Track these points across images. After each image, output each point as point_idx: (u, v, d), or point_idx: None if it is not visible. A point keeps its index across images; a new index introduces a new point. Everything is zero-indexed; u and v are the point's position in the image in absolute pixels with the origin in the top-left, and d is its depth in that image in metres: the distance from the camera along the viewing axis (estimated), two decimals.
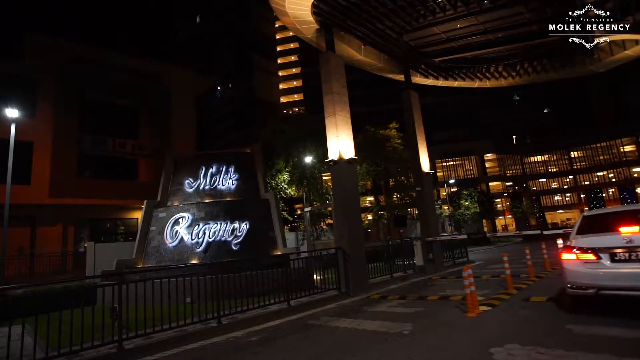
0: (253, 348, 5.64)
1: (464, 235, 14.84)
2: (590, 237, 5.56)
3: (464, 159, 58.36)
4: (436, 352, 4.59)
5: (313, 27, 11.96)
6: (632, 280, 4.87)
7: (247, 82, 71.08)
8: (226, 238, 12.24)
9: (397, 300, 8.57)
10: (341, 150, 10.55)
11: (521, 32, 11.97)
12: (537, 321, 5.53)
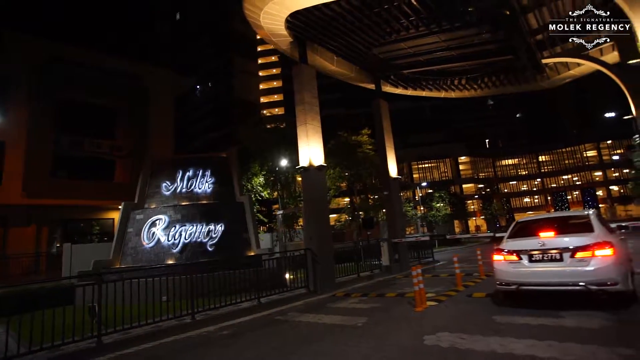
0: (223, 340, 6.28)
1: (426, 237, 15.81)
2: (516, 240, 6.48)
3: (439, 162, 60.20)
4: (380, 340, 5.37)
5: (287, 39, 12.63)
6: (544, 276, 5.81)
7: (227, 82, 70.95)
8: (202, 239, 12.78)
9: (359, 297, 9.36)
10: (311, 158, 11.28)
11: (479, 51, 13.00)
12: (471, 314, 6.41)
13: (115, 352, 6.16)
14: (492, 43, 12.30)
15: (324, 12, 10.84)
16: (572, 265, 5.60)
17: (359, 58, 14.22)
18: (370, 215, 20.97)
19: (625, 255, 5.90)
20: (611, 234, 6.15)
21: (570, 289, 5.64)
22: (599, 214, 6.73)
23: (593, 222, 6.21)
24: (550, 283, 5.81)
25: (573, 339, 4.47)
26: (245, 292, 9.04)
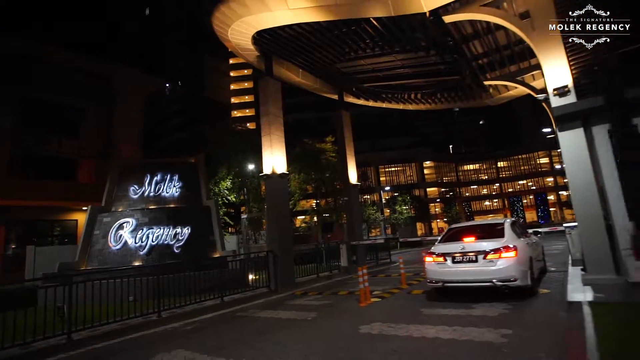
0: (187, 334, 7.00)
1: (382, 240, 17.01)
2: (444, 244, 7.62)
3: (405, 166, 62.41)
4: (323, 330, 6.30)
5: (254, 53, 13.40)
6: (463, 275, 6.95)
7: (197, 81, 70.23)
8: (169, 242, 13.31)
9: (315, 295, 10.29)
10: (274, 166, 12.12)
11: (431, 70, 14.29)
12: (405, 308, 7.47)
13: (86, 347, 6.73)
14: (442, 64, 13.59)
15: (288, 31, 11.70)
16: (483, 265, 6.77)
17: (323, 72, 15.19)
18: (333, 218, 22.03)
19: (527, 256, 7.12)
20: (519, 239, 7.38)
21: (482, 285, 6.81)
22: (513, 223, 7.96)
23: (505, 229, 7.43)
24: (467, 280, 6.96)
25: (474, 325, 5.57)
26: (209, 291, 9.77)
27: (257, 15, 10.74)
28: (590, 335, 4.21)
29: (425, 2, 8.88)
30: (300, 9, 9.94)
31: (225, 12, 11.17)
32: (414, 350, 4.72)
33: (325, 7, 9.64)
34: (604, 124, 7.19)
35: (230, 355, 5.22)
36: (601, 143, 7.21)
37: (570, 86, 7.49)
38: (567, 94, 7.49)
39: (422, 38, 11.31)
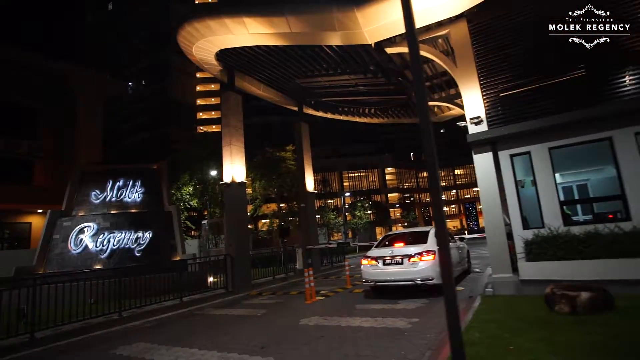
0: (147, 330, 7.76)
1: (334, 245, 18.24)
2: (378, 249, 8.84)
3: (367, 172, 64.42)
4: (268, 323, 7.29)
5: (217, 68, 14.22)
6: (391, 275, 8.17)
7: (162, 81, 69.10)
8: (130, 245, 13.78)
9: (269, 295, 11.24)
10: (234, 175, 12.98)
11: (382, 89, 15.67)
12: (343, 304, 8.59)
13: (48, 345, 7.31)
14: (390, 85, 14.99)
15: (249, 51, 12.64)
16: (408, 267, 8.03)
17: (283, 86, 16.21)
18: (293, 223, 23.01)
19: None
20: None
21: (406, 284, 8.06)
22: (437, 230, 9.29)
23: (429, 236, 8.75)
24: (395, 280, 8.19)
25: (393, 316, 6.76)
26: (169, 292, 10.47)
27: (220, 36, 11.62)
28: (468, 318, 5.49)
29: (370, 36, 10.15)
30: (259, 34, 10.94)
31: (190, 31, 11.95)
32: (337, 335, 5.82)
33: (281, 34, 10.69)
34: (507, 150, 8.70)
35: (185, 344, 6.10)
36: (505, 165, 8.72)
37: (483, 117, 8.97)
38: (480, 123, 8.96)
39: (370, 63, 12.61)
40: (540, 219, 8.25)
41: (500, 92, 8.97)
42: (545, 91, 8.48)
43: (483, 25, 9.49)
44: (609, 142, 7.73)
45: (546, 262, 7.71)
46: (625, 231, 7.18)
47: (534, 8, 8.91)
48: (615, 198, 7.75)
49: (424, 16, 9.36)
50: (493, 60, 9.22)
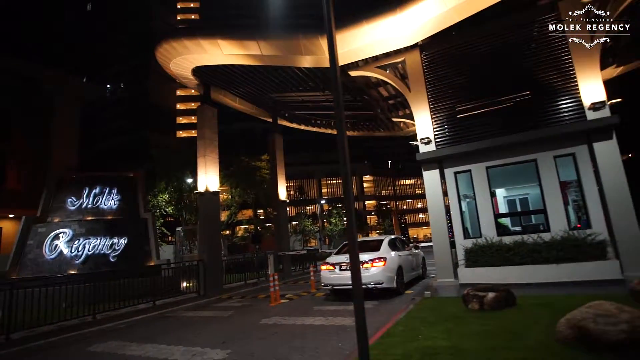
0: (120, 331, 8.38)
1: (304, 251, 19.07)
2: (336, 256, 9.73)
3: None
4: (233, 323, 8.05)
5: (194, 82, 14.94)
6: (345, 280, 9.06)
7: (141, 84, 68.65)
8: (105, 251, 14.23)
9: (239, 299, 11.96)
10: (208, 184, 13.67)
11: (352, 106, 16.68)
12: (304, 306, 9.42)
13: (24, 345, 7.81)
14: (359, 102, 16.03)
15: (224, 68, 13.43)
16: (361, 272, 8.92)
17: (258, 100, 17.04)
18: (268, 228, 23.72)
19: (395, 266, 9.41)
20: (392, 252, 9.67)
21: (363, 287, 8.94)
22: (392, 239, 10.28)
23: (383, 244, 9.70)
24: (349, 284, 9.06)
25: (343, 315, 7.64)
26: (143, 296, 11.05)
27: (196, 55, 12.38)
28: (401, 315, 6.43)
29: None
30: (232, 54, 11.76)
31: (168, 49, 12.66)
32: (290, 331, 6.66)
33: (253, 55, 11.54)
34: (451, 167, 9.79)
35: (155, 341, 6.80)
36: (449, 181, 9.80)
37: (432, 137, 10.04)
38: (429, 144, 10.03)
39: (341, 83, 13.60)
40: (479, 229, 9.34)
41: (446, 116, 10.07)
42: (483, 117, 9.63)
43: (433, 55, 10.62)
44: (534, 163, 8.90)
45: (481, 268, 8.77)
46: (545, 241, 8.32)
47: (477, 42, 10.09)
48: (539, 212, 8.92)
49: (383, 44, 10.40)
50: (441, 87, 10.35)
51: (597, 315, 3.62)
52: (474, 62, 10.08)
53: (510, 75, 9.55)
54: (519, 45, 9.62)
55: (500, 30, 9.83)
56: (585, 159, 8.47)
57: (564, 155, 8.67)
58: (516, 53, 9.59)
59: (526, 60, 9.46)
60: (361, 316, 3.93)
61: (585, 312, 3.73)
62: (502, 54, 9.77)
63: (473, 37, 10.16)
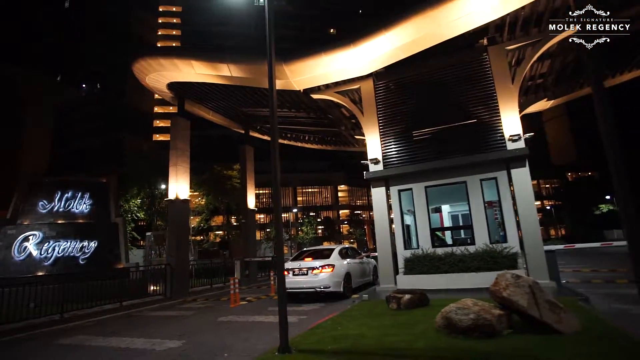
0: (87, 327, 9.12)
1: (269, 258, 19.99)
2: (292, 262, 10.77)
3: (321, 188, 66.87)
4: (193, 321, 8.95)
5: (169, 94, 15.79)
6: (298, 284, 10.12)
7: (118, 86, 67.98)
8: (75, 254, 14.76)
9: (203, 301, 12.79)
10: (178, 192, 14.50)
11: (320, 122, 17.88)
12: (259, 307, 10.39)
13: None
14: (327, 119, 17.25)
15: (197, 85, 14.38)
16: (311, 277, 10.02)
17: (230, 114, 18.02)
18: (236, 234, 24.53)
19: (343, 272, 10.51)
20: (341, 260, 10.79)
21: (310, 290, 10.03)
22: (342, 248, 11.40)
23: (333, 253, 10.81)
24: (301, 287, 10.14)
25: (291, 315, 8.60)
26: (111, 297, 11.73)
27: (171, 72, 13.30)
28: (337, 314, 7.53)
29: (297, 85, 12.29)
30: (204, 74, 12.76)
31: (144, 65, 13.53)
32: (241, 326, 7.66)
33: (223, 76, 12.58)
34: (396, 186, 11.07)
35: (119, 335, 7.64)
36: (394, 197, 11.07)
37: (380, 158, 11.31)
38: (378, 164, 11.29)
39: (302, 103, 14.81)
40: (417, 241, 10.62)
41: (393, 139, 11.38)
42: (424, 142, 10.97)
43: (385, 84, 11.95)
44: (464, 185, 10.27)
45: (417, 275, 10.01)
46: (470, 252, 9.64)
47: (422, 76, 11.48)
48: (467, 227, 10.28)
49: (340, 73, 11.66)
50: (390, 113, 11.67)
51: (458, 308, 4.83)
52: (419, 93, 11.45)
53: (448, 106, 10.94)
54: (456, 80, 11.05)
55: (441, 66, 11.26)
56: (504, 182, 9.90)
57: (488, 178, 10.08)
58: (454, 87, 11.01)
59: (462, 94, 10.89)
60: (283, 314, 5.04)
61: (453, 306, 4.93)
62: (442, 87, 11.17)
63: (419, 71, 11.55)
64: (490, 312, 4.71)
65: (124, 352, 6.24)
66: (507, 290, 4.84)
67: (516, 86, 10.29)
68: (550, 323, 4.64)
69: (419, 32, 9.94)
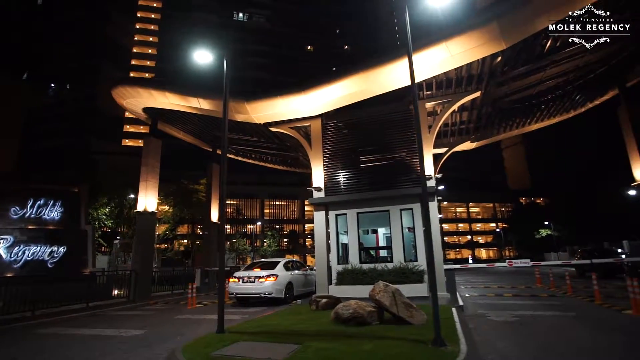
0: (58, 322, 10.60)
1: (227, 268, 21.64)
2: (242, 272, 12.68)
3: (289, 202, 68.64)
4: (154, 319, 10.65)
5: (144, 115, 17.48)
6: (246, 290, 12.03)
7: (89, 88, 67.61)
8: (44, 258, 15.94)
9: (163, 304, 14.38)
10: (147, 205, 16.10)
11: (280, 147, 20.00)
12: (213, 308, 12.11)
13: None
14: (286, 144, 19.39)
15: (170, 111, 16.18)
16: (257, 284, 11.96)
17: (200, 135, 19.84)
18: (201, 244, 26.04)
19: (285, 281, 12.49)
20: (285, 271, 12.78)
21: (256, 296, 11.96)
22: (288, 261, 13.43)
23: (278, 265, 12.80)
24: (248, 293, 12.05)
25: (235, 314, 10.54)
26: (78, 299, 13.12)
27: (147, 99, 15.08)
28: (270, 314, 9.50)
29: (257, 119, 14.38)
30: (177, 104, 14.64)
31: (123, 91, 15.26)
32: (194, 322, 9.49)
33: (194, 107, 14.50)
34: (334, 211, 13.29)
35: (90, 327, 9.27)
36: (332, 220, 13.27)
37: (322, 187, 13.53)
38: (320, 191, 13.50)
39: (262, 132, 16.92)
40: (347, 258, 12.81)
41: (334, 171, 13.65)
42: (358, 175, 13.30)
43: (331, 124, 14.25)
44: (387, 213, 12.61)
45: (345, 286, 12.14)
46: (389, 268, 11.91)
47: (362, 119, 13.87)
48: (389, 248, 12.59)
49: (294, 113, 13.86)
50: (332, 149, 13.95)
51: (343, 306, 6.98)
52: (358, 133, 13.81)
53: (380, 146, 13.34)
54: (388, 126, 13.48)
55: (377, 113, 13.68)
56: (418, 212, 12.31)
57: (406, 209, 12.46)
58: (386, 131, 13.43)
59: (391, 137, 13.32)
60: (221, 306, 6.98)
61: (341, 305, 7.08)
62: (376, 131, 13.57)
63: (360, 115, 13.92)
64: (364, 309, 6.89)
65: (97, 337, 7.94)
66: (379, 294, 7.03)
67: (432, 134, 12.85)
68: (404, 317, 6.86)
69: (356, 87, 12.33)
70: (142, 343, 7.09)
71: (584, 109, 17.34)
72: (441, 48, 10.79)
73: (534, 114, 17.03)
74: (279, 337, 6.25)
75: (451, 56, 10.89)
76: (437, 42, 10.73)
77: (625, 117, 15.69)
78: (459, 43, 10.56)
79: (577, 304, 10.62)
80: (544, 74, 13.66)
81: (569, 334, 6.94)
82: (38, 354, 6.74)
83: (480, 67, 11.94)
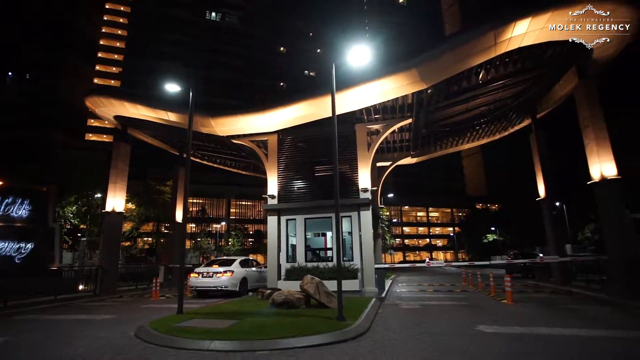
0: (32, 310, 11.92)
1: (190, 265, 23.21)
2: (203, 268, 14.40)
3: (255, 202, 69.87)
4: (121, 308, 12.18)
5: (114, 122, 18.71)
6: (206, 284, 13.78)
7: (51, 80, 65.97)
8: (11, 254, 16.88)
9: (128, 297, 15.80)
10: (114, 205, 17.41)
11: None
12: (174, 300, 13.78)
13: None
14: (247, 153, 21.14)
15: (140, 120, 17.57)
16: (215, 279, 13.73)
17: (167, 141, 21.24)
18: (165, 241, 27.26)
19: (240, 277, 14.31)
20: (240, 268, 14.60)
21: (214, 289, 13.73)
22: (244, 259, 15.28)
23: (235, 262, 14.62)
24: (207, 287, 13.80)
25: (191, 304, 12.27)
26: (47, 292, 14.32)
27: (119, 108, 16.44)
28: (223, 302, 11.34)
29: (221, 133, 16.13)
30: (147, 115, 16.12)
31: (96, 100, 16.54)
32: (155, 309, 11.17)
33: (163, 119, 16.03)
34: (285, 216, 15.27)
35: (65, 313, 10.75)
36: (283, 225, 15.24)
37: (276, 194, 15.48)
38: (274, 199, 15.44)
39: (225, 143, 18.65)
40: (295, 257, 14.83)
41: (286, 181, 15.64)
42: (307, 185, 15.36)
43: (287, 139, 16.22)
44: (331, 219, 14.73)
45: (291, 281, 14.10)
46: (329, 267, 14.01)
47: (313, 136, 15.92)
48: (330, 249, 14.72)
49: (253, 129, 15.73)
50: (286, 161, 15.93)
51: (278, 293, 8.98)
52: (308, 148, 15.86)
53: (326, 161, 15.45)
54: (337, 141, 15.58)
55: (327, 132, 15.77)
56: (355, 219, 14.50)
57: (346, 216, 14.63)
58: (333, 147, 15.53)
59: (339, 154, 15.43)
60: (181, 291, 8.75)
61: (277, 292, 9.07)
62: (326, 146, 15.67)
63: (312, 133, 15.96)
64: (293, 296, 8.93)
65: (74, 321, 9.49)
66: (307, 285, 9.08)
67: (371, 153, 15.10)
68: (325, 303, 8.95)
69: (306, 111, 14.38)
70: (116, 322, 8.78)
71: (507, 133, 20.26)
72: (376, 84, 13.05)
73: (465, 135, 19.79)
74: (226, 316, 8.17)
75: (384, 91, 13.18)
76: (373, 79, 12.99)
77: (534, 143, 18.69)
78: (389, 82, 12.86)
79: (476, 297, 13.17)
80: (468, 105, 16.28)
81: (450, 315, 9.26)
82: (25, 332, 8.26)
83: (412, 98, 14.31)
